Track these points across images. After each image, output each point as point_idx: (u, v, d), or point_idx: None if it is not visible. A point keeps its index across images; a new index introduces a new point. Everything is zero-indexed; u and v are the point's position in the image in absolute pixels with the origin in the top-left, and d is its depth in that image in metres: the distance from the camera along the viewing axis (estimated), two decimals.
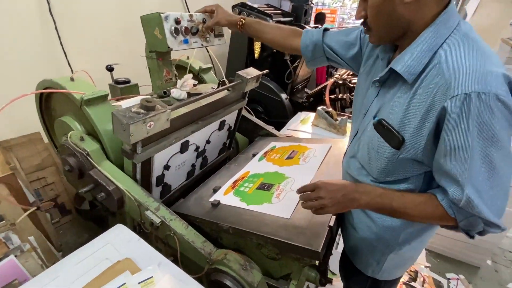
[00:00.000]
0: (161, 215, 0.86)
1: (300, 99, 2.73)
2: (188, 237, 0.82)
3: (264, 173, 1.08)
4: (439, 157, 0.63)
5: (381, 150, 0.73)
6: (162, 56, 1.11)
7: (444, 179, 0.65)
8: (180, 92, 1.13)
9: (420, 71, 0.65)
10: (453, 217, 0.65)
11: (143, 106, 0.82)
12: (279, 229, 0.76)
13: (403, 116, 0.67)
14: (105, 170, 0.94)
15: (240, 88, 1.31)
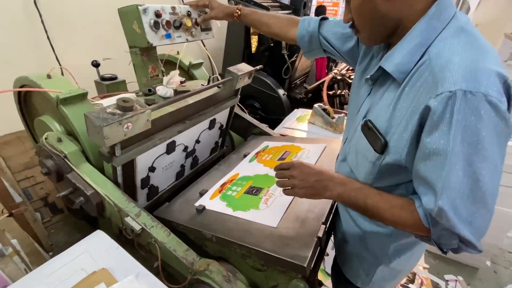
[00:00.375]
0: (141, 222, 0.81)
1: (299, 95, 2.66)
2: (169, 245, 0.77)
3: (254, 175, 1.03)
4: (417, 161, 0.57)
5: (365, 154, 0.68)
6: (146, 51, 1.05)
7: (421, 186, 0.59)
8: (166, 90, 1.07)
9: (411, 69, 0.58)
10: (427, 227, 0.59)
11: (119, 106, 0.76)
12: (264, 240, 0.71)
13: (389, 118, 0.61)
14: (84, 173, 0.89)
15: (231, 85, 1.24)
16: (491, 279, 1.79)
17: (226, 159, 1.27)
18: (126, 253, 0.78)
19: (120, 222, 0.86)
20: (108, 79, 1.33)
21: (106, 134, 0.72)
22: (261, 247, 0.68)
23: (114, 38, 2.04)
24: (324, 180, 0.68)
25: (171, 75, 1.08)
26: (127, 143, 0.87)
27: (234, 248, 0.73)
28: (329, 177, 0.68)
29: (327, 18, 0.92)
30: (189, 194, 1.02)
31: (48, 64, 1.85)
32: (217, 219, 0.83)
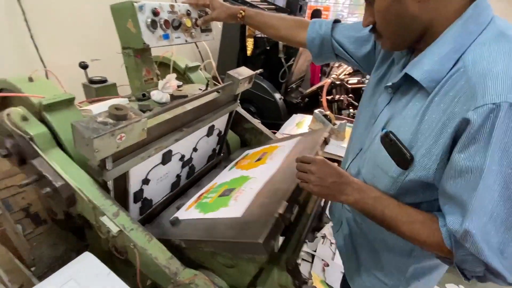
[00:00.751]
0: (120, 223, 0.72)
1: (295, 99, 2.61)
2: (151, 252, 0.68)
3: (230, 180, 0.97)
4: (445, 178, 0.53)
5: (386, 168, 0.62)
6: (140, 52, 0.96)
7: (447, 205, 0.54)
8: (161, 95, 0.99)
9: (443, 77, 0.53)
10: (450, 249, 0.54)
11: (111, 115, 0.67)
12: (226, 230, 0.66)
13: (415, 130, 0.56)
14: (54, 160, 0.76)
15: (231, 89, 1.17)
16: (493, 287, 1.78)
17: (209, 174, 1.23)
18: (119, 280, 0.70)
19: (94, 219, 0.75)
20: (97, 82, 1.23)
21: (97, 147, 0.63)
22: (221, 237, 0.63)
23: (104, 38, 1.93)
24: (341, 184, 0.64)
25: (167, 79, 1.00)
26: (119, 154, 0.78)
27: (201, 247, 0.67)
28: (348, 181, 0.64)
29: (339, 21, 0.87)
30: (168, 210, 0.99)
31: (30, 65, 1.72)
32: (187, 225, 0.79)
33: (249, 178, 0.91)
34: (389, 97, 0.67)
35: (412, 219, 0.59)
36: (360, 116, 0.82)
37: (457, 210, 0.51)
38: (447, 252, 0.56)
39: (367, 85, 0.82)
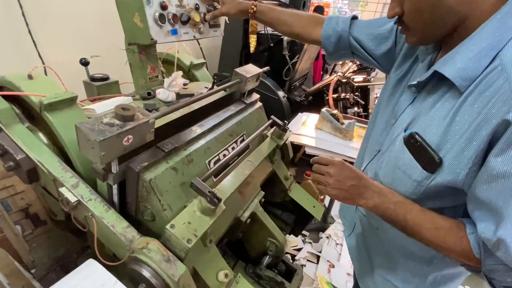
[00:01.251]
0: (78, 194, 0.71)
1: (298, 98, 2.56)
2: (107, 221, 0.69)
3: None
4: (478, 183, 0.49)
5: (409, 171, 0.59)
6: (145, 49, 0.92)
7: (477, 211, 0.52)
8: (167, 93, 0.95)
9: (477, 75, 0.50)
10: (478, 257, 0.52)
11: (118, 115, 0.63)
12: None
13: (444, 132, 0.52)
14: (15, 135, 0.76)
15: (238, 88, 1.13)
16: None
17: None
18: None
19: (55, 192, 0.74)
20: (99, 79, 1.19)
21: (103, 150, 0.59)
22: None
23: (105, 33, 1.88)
24: (361, 187, 0.61)
25: (173, 77, 0.96)
26: (125, 157, 0.74)
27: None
28: (368, 184, 0.62)
29: (357, 17, 0.83)
30: None
31: (29, 62, 1.67)
32: None
33: None
34: (412, 96, 0.64)
35: (436, 225, 0.56)
36: (378, 116, 0.78)
37: (490, 217, 0.49)
38: (475, 261, 0.53)
39: (385, 84, 0.79)
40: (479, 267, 0.53)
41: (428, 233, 0.56)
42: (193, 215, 0.71)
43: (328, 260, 1.78)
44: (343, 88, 2.11)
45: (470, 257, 0.53)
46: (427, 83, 0.60)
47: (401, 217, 0.59)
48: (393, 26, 0.76)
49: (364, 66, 2.54)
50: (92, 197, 0.72)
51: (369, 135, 0.82)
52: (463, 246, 0.53)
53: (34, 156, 0.74)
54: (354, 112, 2.10)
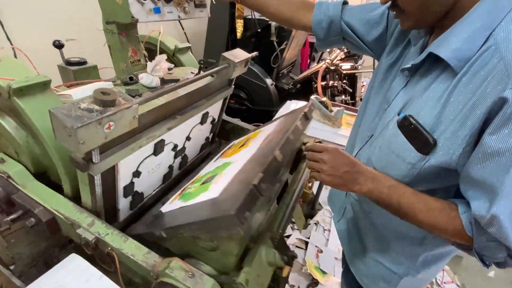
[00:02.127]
0: (95, 231, 0.70)
1: (286, 85, 2.54)
2: (127, 251, 0.67)
3: (213, 169, 0.92)
4: (472, 162, 0.50)
5: (403, 154, 0.59)
6: (125, 29, 0.85)
7: (471, 190, 0.52)
8: (151, 78, 0.89)
9: (472, 56, 0.50)
10: (470, 235, 0.54)
11: (97, 100, 0.58)
12: (203, 211, 0.63)
13: (439, 113, 0.52)
14: (32, 192, 0.78)
15: (226, 73, 1.09)
16: (475, 267, 1.87)
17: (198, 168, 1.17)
18: (113, 284, 0.63)
19: (78, 238, 0.72)
20: (75, 63, 1.10)
21: (82, 138, 0.55)
22: (197, 218, 0.59)
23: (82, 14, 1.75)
24: (355, 173, 0.61)
25: (157, 61, 0.90)
26: (107, 146, 0.69)
27: (181, 232, 0.64)
28: (361, 170, 0.62)
29: (347, 3, 0.80)
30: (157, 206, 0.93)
31: None
32: (170, 216, 0.74)
33: (231, 163, 0.87)
34: (405, 80, 0.63)
35: (429, 207, 0.57)
36: (369, 102, 0.77)
37: (484, 195, 0.49)
38: (467, 239, 0.54)
39: (376, 70, 0.78)
40: (471, 245, 0.54)
41: (421, 214, 0.57)
42: (261, 266, 0.68)
43: (316, 245, 1.81)
44: (331, 75, 2.11)
45: (462, 236, 0.54)
46: (420, 66, 0.60)
47: (395, 201, 0.59)
48: (385, 10, 0.75)
49: (352, 54, 2.54)
50: (109, 231, 0.71)
51: (360, 122, 0.81)
52: (455, 225, 0.54)
53: (49, 206, 0.75)
54: (342, 100, 2.11)
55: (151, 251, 0.67)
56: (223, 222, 0.54)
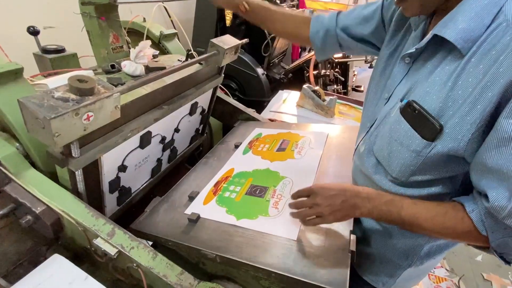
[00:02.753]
0: (117, 243, 0.62)
1: (278, 75, 2.48)
2: (158, 271, 0.60)
3: (252, 170, 0.87)
4: (486, 149, 0.47)
5: (407, 142, 0.56)
6: (104, 13, 0.79)
7: (485, 180, 0.49)
8: (135, 66, 0.84)
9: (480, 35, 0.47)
10: (484, 234, 0.50)
11: (73, 88, 0.53)
12: (285, 258, 0.57)
13: (446, 97, 0.50)
14: (29, 184, 0.66)
15: (215, 61, 1.04)
16: (463, 251, 1.92)
17: (213, 150, 1.08)
18: (100, 285, 0.60)
19: (87, 243, 0.66)
20: (52, 51, 1.03)
21: (57, 130, 0.50)
22: (285, 270, 0.54)
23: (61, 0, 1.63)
24: (351, 198, 0.59)
25: (140, 47, 0.84)
26: (87, 138, 0.64)
27: (247, 269, 0.58)
28: (355, 193, 0.59)
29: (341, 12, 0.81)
30: (175, 197, 0.83)
31: None
32: (217, 230, 0.67)
33: (282, 176, 0.83)
34: (407, 67, 0.61)
35: (432, 213, 0.54)
36: (370, 92, 0.75)
37: (502, 184, 0.46)
38: (482, 239, 0.51)
39: (377, 60, 0.75)
40: (487, 244, 0.51)
41: (426, 223, 0.54)
42: None
43: None
44: (323, 64, 2.07)
45: (475, 236, 0.51)
46: (424, 50, 0.57)
47: (396, 215, 0.57)
48: (379, 5, 0.74)
49: None
50: (134, 244, 0.62)
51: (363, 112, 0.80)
52: (465, 226, 0.51)
53: (56, 206, 0.64)
54: (334, 89, 2.08)
55: (184, 271, 0.60)
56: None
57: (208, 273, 0.70)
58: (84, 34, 0.93)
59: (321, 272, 0.54)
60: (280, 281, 0.56)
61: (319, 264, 0.56)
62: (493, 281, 1.74)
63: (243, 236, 0.64)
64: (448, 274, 1.77)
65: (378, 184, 0.66)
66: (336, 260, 0.56)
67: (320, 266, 0.55)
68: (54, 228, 0.67)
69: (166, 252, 0.69)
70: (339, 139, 1.00)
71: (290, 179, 0.80)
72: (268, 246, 0.61)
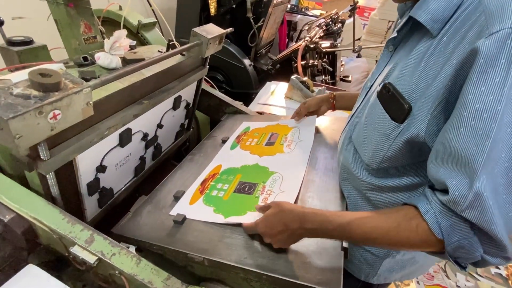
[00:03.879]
0: (96, 250, 0.57)
1: (265, 66, 2.43)
2: (142, 277, 0.56)
3: (241, 167, 0.84)
4: (446, 130, 0.43)
5: (379, 125, 0.55)
6: None
7: (443, 168, 0.43)
8: (110, 58, 0.77)
9: (450, 15, 0.46)
10: (440, 238, 0.45)
11: (35, 83, 0.47)
12: (276, 259, 0.55)
13: (418, 78, 0.48)
14: None
15: (199, 51, 0.98)
16: None
17: (199, 146, 1.04)
18: None
19: (65, 251, 0.61)
20: (19, 43, 0.94)
21: (17, 131, 0.44)
22: (276, 272, 0.52)
23: None
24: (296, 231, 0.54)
25: (116, 37, 0.78)
26: (58, 138, 0.59)
27: (236, 272, 0.55)
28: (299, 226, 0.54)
29: None
30: (159, 198, 0.78)
31: None
32: (204, 232, 0.63)
33: (271, 172, 0.79)
34: (389, 55, 0.61)
35: (383, 229, 0.49)
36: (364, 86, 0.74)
37: (461, 171, 0.41)
38: (437, 244, 0.46)
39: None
40: (443, 249, 0.46)
41: (379, 241, 0.50)
42: None
43: None
44: (310, 54, 2.03)
45: (431, 243, 0.46)
46: (404, 35, 0.56)
47: (347, 239, 0.55)
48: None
49: (331, 32, 2.46)
50: (115, 250, 0.57)
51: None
52: (421, 234, 0.46)
53: (27, 213, 0.58)
54: (323, 79, 2.05)
55: (171, 276, 0.56)
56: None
57: (197, 276, 0.66)
58: (47, 19, 0.84)
59: (313, 272, 0.51)
60: (272, 282, 0.53)
61: (311, 263, 0.54)
62: None
63: (232, 237, 0.61)
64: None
65: (355, 174, 0.65)
66: (328, 259, 0.54)
67: (312, 266, 0.53)
68: (26, 237, 0.62)
69: (151, 256, 0.66)
70: (328, 131, 0.98)
71: (280, 174, 0.77)
72: (258, 246, 0.58)
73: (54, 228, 0.58)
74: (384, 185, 0.60)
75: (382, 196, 0.63)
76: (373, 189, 0.63)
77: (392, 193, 0.61)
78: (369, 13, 3.94)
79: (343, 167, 0.72)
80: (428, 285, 1.63)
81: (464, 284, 1.66)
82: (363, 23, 4.07)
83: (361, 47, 2.32)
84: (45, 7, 0.87)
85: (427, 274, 1.69)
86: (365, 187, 0.64)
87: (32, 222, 0.59)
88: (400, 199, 0.60)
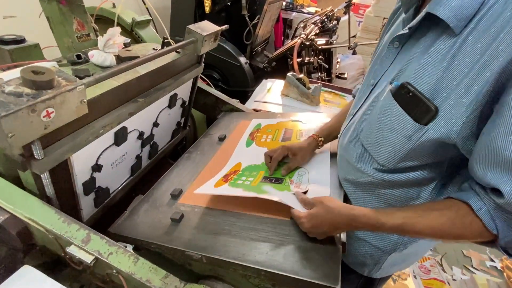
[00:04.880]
0: (93, 250, 0.57)
1: (261, 64, 2.43)
2: (140, 276, 0.56)
3: (262, 163, 0.81)
4: (491, 138, 0.43)
5: (398, 126, 0.54)
6: None
7: (492, 173, 0.44)
8: (104, 56, 0.76)
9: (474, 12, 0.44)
10: (495, 233, 0.46)
11: (27, 81, 0.46)
12: (274, 255, 0.55)
13: (441, 78, 0.47)
14: None
15: (194, 49, 0.97)
16: None
17: (196, 144, 1.03)
18: None
19: (61, 251, 0.60)
20: (11, 42, 0.92)
21: (10, 130, 0.44)
22: (274, 268, 0.52)
23: None
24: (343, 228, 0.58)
25: (110, 34, 0.77)
26: (52, 137, 0.58)
27: (235, 268, 0.55)
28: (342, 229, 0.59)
29: None
30: (156, 196, 0.78)
31: None
32: (202, 229, 0.63)
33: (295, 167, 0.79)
34: (395, 52, 0.58)
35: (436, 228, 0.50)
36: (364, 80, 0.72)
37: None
38: (490, 237, 0.47)
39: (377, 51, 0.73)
40: (495, 241, 0.48)
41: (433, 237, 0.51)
42: None
43: None
44: (306, 51, 2.03)
45: (484, 236, 0.47)
46: (414, 32, 0.54)
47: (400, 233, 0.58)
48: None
49: (326, 29, 2.46)
50: (112, 249, 0.57)
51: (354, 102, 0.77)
52: (474, 229, 0.47)
53: (22, 214, 0.58)
54: (319, 76, 2.06)
55: (169, 274, 0.55)
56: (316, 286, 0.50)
57: (196, 273, 0.66)
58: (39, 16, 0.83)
59: (312, 267, 0.52)
60: (270, 278, 0.53)
61: (309, 258, 0.54)
62: (472, 257, 1.83)
63: (230, 233, 0.61)
64: (431, 253, 1.84)
65: (360, 170, 0.65)
66: (327, 254, 0.54)
67: (310, 261, 0.53)
68: (21, 238, 0.61)
69: (149, 255, 0.65)
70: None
71: (305, 169, 0.76)
72: (256, 242, 0.58)
73: (49, 228, 0.57)
74: (391, 179, 0.60)
75: (394, 191, 0.63)
76: (384, 185, 0.63)
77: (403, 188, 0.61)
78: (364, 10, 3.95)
79: (345, 163, 0.71)
80: (424, 279, 1.65)
81: (460, 277, 1.68)
82: (358, 20, 4.08)
83: (356, 44, 2.32)
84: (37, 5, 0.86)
85: (424, 268, 1.71)
86: (374, 184, 0.64)
87: (27, 222, 0.59)
88: (411, 192, 0.61)
